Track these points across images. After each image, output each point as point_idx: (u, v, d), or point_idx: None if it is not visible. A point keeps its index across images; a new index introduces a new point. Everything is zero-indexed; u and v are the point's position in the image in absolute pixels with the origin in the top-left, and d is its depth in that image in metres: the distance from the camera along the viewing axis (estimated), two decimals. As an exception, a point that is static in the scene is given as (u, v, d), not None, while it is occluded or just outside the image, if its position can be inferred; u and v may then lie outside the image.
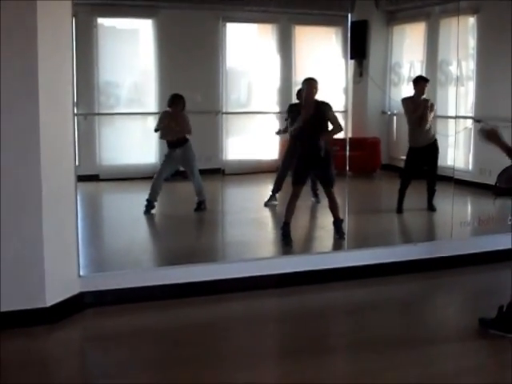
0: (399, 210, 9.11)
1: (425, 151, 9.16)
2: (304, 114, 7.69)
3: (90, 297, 6.18)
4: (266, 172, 9.14)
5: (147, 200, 8.55)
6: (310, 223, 8.26)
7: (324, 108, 7.72)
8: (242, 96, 9.41)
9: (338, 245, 7.84)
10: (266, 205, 9.11)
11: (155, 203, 8.62)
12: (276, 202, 9.07)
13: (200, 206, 8.73)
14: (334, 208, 7.89)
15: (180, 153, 8.65)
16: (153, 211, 8.65)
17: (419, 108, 9.02)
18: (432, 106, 9.17)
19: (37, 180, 5.61)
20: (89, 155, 9.13)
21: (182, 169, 8.95)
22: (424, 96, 9.07)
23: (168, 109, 8.59)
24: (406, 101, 9.29)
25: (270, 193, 9.07)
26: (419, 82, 9.16)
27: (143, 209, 8.54)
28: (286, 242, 7.72)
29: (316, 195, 8.81)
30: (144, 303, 6.28)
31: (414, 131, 9.18)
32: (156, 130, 8.70)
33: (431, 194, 9.14)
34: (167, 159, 8.71)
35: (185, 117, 8.63)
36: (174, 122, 8.56)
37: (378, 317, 6.26)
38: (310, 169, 7.92)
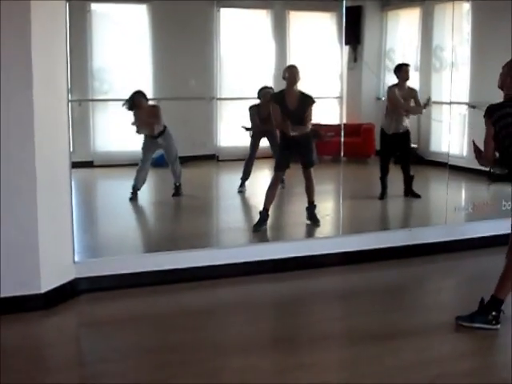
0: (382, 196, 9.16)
1: (399, 138, 9.20)
2: (290, 103, 7.72)
3: (84, 283, 6.19)
4: (260, 158, 9.12)
5: (133, 187, 8.59)
6: (288, 209, 8.25)
7: (307, 101, 7.76)
8: (236, 82, 9.38)
9: (311, 231, 7.87)
10: (240, 191, 9.16)
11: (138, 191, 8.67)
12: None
13: (179, 191, 8.77)
14: (310, 190, 7.92)
15: (161, 141, 8.67)
16: (147, 198, 8.67)
17: (406, 95, 9.09)
18: (417, 94, 9.24)
19: (31, 166, 5.60)
20: (83, 141, 9.11)
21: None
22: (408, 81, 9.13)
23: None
24: (392, 88, 9.31)
25: (241, 180, 9.16)
26: (402, 68, 9.20)
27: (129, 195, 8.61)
28: (258, 229, 7.75)
29: (282, 180, 8.77)
30: (139, 289, 6.30)
31: (394, 118, 9.21)
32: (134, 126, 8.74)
33: (408, 181, 9.14)
34: (149, 147, 8.71)
35: (156, 110, 8.68)
36: (146, 116, 8.60)
37: (373, 302, 6.27)
38: (292, 154, 7.91)
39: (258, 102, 8.91)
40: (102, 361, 4.95)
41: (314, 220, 7.90)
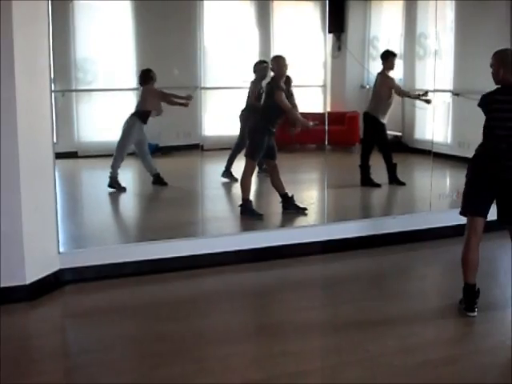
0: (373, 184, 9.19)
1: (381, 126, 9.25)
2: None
3: (69, 273, 6.19)
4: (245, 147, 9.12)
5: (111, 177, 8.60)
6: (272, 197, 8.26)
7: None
8: (220, 71, 9.37)
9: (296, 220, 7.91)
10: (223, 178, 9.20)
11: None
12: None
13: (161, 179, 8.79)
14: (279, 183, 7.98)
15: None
16: (131, 188, 8.66)
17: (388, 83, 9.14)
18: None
19: (15, 157, 5.58)
20: (67, 132, 9.08)
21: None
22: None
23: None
24: (383, 75, 9.34)
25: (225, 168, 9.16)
26: (388, 58, 9.23)
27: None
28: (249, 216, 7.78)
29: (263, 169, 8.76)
30: (124, 279, 6.30)
31: (387, 106, 9.24)
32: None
33: (392, 169, 9.17)
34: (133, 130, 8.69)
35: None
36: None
37: (358, 289, 6.30)
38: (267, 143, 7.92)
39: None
40: (87, 351, 4.95)
41: (296, 208, 7.93)
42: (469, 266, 5.47)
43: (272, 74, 7.97)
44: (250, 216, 7.74)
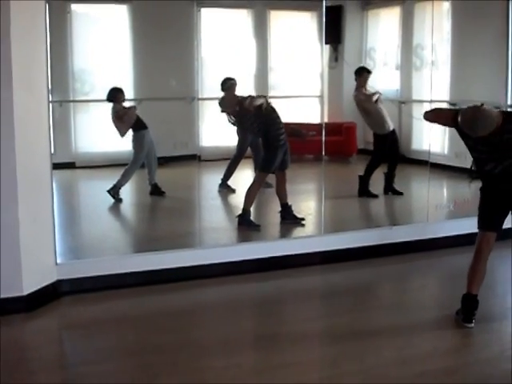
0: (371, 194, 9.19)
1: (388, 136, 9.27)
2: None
3: (67, 284, 6.18)
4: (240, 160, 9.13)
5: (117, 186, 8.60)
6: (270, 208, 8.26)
7: None
8: (217, 82, 9.38)
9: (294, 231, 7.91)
10: (220, 191, 9.17)
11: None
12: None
13: (160, 190, 8.77)
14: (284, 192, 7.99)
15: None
16: (129, 199, 8.66)
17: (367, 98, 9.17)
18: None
19: (12, 168, 5.57)
20: (64, 143, 9.09)
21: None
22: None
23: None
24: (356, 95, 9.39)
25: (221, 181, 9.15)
26: (362, 74, 9.26)
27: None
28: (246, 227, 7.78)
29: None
30: (121, 290, 6.28)
31: (376, 119, 9.29)
32: None
33: (389, 179, 9.18)
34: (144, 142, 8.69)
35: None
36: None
37: (355, 300, 6.30)
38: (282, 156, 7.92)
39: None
40: (84, 363, 4.94)
41: (293, 219, 7.93)
42: (476, 276, 5.47)
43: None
44: (247, 226, 7.73)
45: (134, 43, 9.53)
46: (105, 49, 9.20)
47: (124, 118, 8.52)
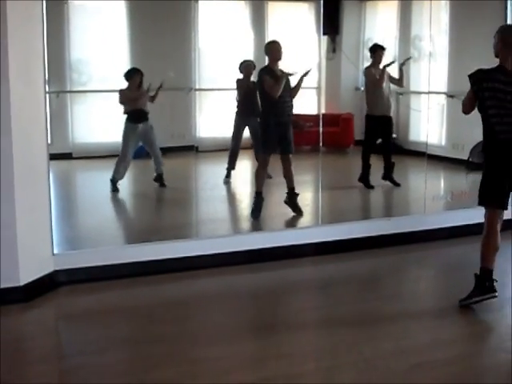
0: (367, 185, 9.19)
1: (384, 122, 9.24)
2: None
3: (63, 275, 6.18)
4: (240, 148, 9.11)
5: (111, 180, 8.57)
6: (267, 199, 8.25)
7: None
8: (214, 72, 9.37)
9: (291, 221, 7.90)
10: (225, 182, 9.17)
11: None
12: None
13: (163, 180, 8.75)
14: (289, 176, 7.96)
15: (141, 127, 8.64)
16: (126, 189, 8.65)
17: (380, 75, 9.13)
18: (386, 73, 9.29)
19: (9, 158, 5.57)
20: (61, 133, 9.06)
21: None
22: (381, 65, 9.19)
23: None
24: (368, 69, 9.37)
25: (226, 170, 9.14)
26: (376, 51, 9.24)
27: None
28: (256, 215, 7.77)
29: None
30: (118, 281, 6.29)
31: (378, 99, 9.25)
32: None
33: (388, 168, 9.18)
34: (129, 135, 8.65)
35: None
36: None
37: (352, 291, 6.31)
38: (280, 135, 7.88)
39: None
40: (81, 353, 4.94)
41: (295, 209, 7.93)
42: (491, 249, 5.56)
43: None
44: (254, 207, 7.77)
45: (132, 34, 9.49)
46: (102, 39, 9.17)
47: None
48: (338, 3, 10.97)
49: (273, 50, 7.81)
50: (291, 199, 7.95)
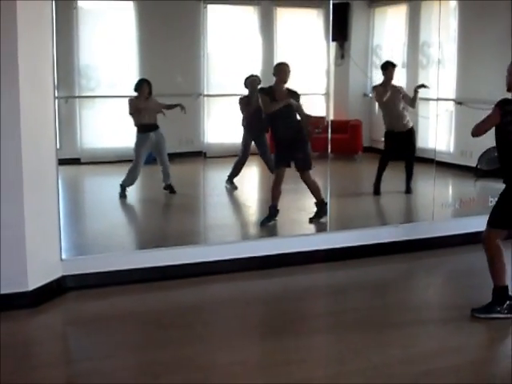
0: (376, 191, 9.16)
1: (400, 137, 9.22)
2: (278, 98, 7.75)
3: (72, 280, 6.19)
4: (247, 160, 9.11)
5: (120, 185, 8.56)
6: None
7: (294, 97, 7.85)
8: (223, 78, 9.36)
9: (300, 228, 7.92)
10: (226, 187, 9.16)
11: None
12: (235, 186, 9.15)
13: (173, 189, 8.74)
14: (313, 190, 7.94)
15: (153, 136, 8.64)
16: (134, 195, 8.64)
17: (390, 93, 9.11)
18: (401, 90, 9.24)
19: (18, 164, 5.59)
20: (70, 138, 9.06)
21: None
22: (393, 81, 9.16)
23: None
24: (376, 88, 9.36)
25: (227, 177, 9.12)
26: (387, 68, 9.22)
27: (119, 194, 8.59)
28: (265, 224, 7.77)
29: None
30: (126, 286, 6.30)
31: (391, 116, 9.24)
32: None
33: (409, 178, 9.18)
34: (141, 143, 8.65)
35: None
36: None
37: (361, 298, 6.30)
38: (291, 151, 7.91)
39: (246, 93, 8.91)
40: (89, 358, 4.94)
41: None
42: (504, 268, 5.57)
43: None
44: (266, 218, 7.80)
45: (140, 39, 9.50)
46: (111, 45, 9.18)
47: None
48: (346, 9, 10.95)
49: (281, 71, 7.87)
50: (321, 210, 7.91)
